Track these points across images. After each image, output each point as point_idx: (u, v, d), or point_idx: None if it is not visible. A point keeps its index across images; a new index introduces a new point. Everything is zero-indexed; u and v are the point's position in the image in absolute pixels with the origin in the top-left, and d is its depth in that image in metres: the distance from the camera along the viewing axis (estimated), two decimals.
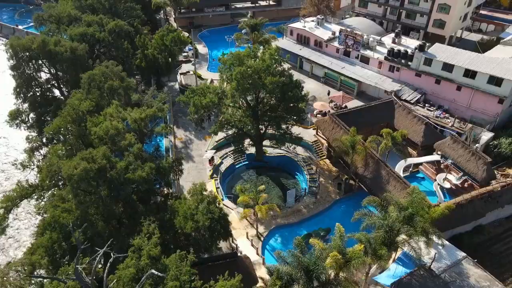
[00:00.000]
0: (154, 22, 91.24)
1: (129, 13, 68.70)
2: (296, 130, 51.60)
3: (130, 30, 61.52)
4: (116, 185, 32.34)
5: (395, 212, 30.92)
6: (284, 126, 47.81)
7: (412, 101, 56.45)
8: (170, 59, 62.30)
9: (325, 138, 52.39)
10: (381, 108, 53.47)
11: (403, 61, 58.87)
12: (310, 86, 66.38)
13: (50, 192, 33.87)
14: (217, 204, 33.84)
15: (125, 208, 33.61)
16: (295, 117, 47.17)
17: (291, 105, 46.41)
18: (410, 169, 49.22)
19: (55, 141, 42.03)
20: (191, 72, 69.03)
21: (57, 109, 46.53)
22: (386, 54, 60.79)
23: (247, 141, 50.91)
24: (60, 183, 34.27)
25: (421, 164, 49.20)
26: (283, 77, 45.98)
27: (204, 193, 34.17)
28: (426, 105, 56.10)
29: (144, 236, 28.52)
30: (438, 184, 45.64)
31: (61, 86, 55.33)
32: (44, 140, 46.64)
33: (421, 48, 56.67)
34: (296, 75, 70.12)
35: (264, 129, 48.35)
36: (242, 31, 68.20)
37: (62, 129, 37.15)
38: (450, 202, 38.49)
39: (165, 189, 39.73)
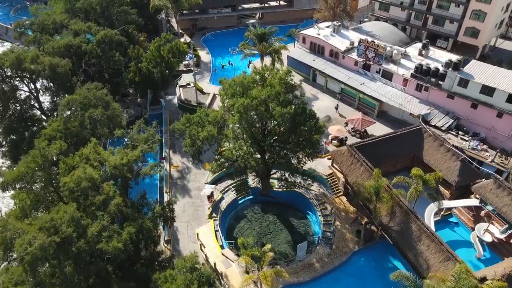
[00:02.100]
0: (154, 24, 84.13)
1: (123, 18, 61.58)
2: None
3: (122, 40, 54.55)
4: (85, 259, 25.90)
5: None
6: (295, 161, 40.90)
7: (443, 128, 48.89)
8: (167, 72, 55.24)
9: (341, 172, 45.27)
10: (407, 138, 46.03)
11: (433, 80, 51.10)
12: (324, 104, 59.07)
13: (3, 265, 27.52)
14: (211, 281, 27.20)
15: (96, 285, 27.18)
16: (309, 152, 40.06)
17: (304, 137, 39.34)
18: (442, 213, 42.10)
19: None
20: (192, 85, 62.03)
21: (32, 138, 40.04)
22: (412, 71, 53.02)
23: (251, 176, 44.24)
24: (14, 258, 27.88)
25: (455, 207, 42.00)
26: (295, 104, 38.90)
27: (197, 266, 27.54)
28: (460, 132, 48.49)
29: None
30: (477, 236, 38.48)
31: (42, 105, 48.83)
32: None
33: (455, 67, 48.84)
34: (308, 89, 63.20)
35: (271, 164, 41.38)
36: (248, 41, 60.77)
37: (26, 176, 30.64)
38: (498, 272, 31.41)
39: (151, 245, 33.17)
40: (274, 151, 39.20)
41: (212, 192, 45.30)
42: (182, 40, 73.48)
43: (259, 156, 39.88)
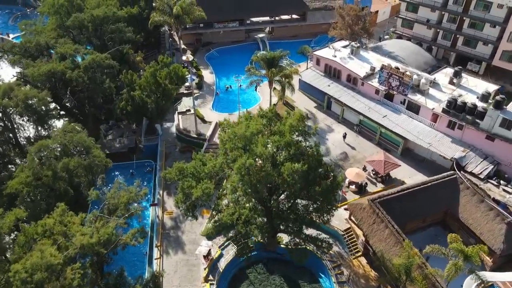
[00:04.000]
0: (156, 37, 78.26)
1: (118, 37, 55.47)
2: None
3: (113, 64, 48.46)
4: None
5: None
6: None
7: (481, 175, 41.72)
8: (163, 101, 49.01)
9: (361, 229, 38.45)
10: (440, 190, 39.01)
11: (469, 117, 43.92)
12: (340, 137, 52.10)
13: None
14: None
15: None
16: (323, 213, 33.44)
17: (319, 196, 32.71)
18: (483, 285, 34.97)
19: None
20: (192, 111, 55.63)
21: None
22: (444, 105, 45.85)
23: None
24: None
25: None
26: (308, 152, 32.32)
27: None
28: (502, 183, 41.23)
29: None
30: None
31: (19, 142, 42.99)
32: None
33: (497, 105, 41.62)
34: (322, 118, 56.25)
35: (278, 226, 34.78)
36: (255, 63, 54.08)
37: None
38: None
39: None
40: (282, 216, 32.59)
41: (210, 250, 38.89)
42: (184, 58, 67.39)
43: (263, 218, 33.39)
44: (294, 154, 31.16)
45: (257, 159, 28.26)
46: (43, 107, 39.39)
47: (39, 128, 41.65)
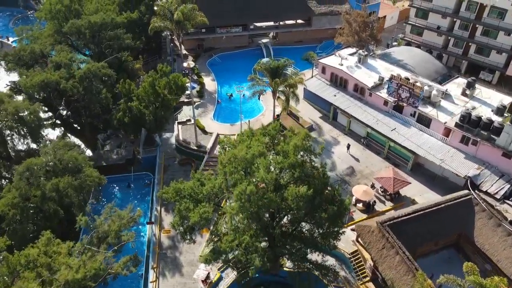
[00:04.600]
0: (157, 42, 76.21)
1: (117, 43, 53.46)
2: None
3: (110, 74, 46.46)
4: None
5: None
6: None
7: (497, 195, 39.31)
8: (162, 112, 46.95)
9: (370, 254, 36.14)
10: (453, 212, 36.63)
11: (483, 132, 41.52)
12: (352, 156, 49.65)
13: None
14: None
15: None
16: (330, 241, 31.24)
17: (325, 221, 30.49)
18: None
19: None
20: (192, 121, 53.49)
21: None
22: (457, 118, 43.47)
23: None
24: None
25: None
26: (314, 178, 30.11)
27: None
28: None
29: None
30: None
31: (11, 155, 41.04)
32: None
33: None
34: (328, 129, 53.93)
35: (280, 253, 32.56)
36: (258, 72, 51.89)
37: None
38: None
39: None
40: (286, 243, 30.39)
41: (209, 273, 36.75)
42: (185, 64, 65.28)
43: (265, 244, 31.26)
44: (298, 177, 28.95)
45: (258, 184, 26.07)
46: (35, 119, 37.42)
47: (31, 141, 39.66)
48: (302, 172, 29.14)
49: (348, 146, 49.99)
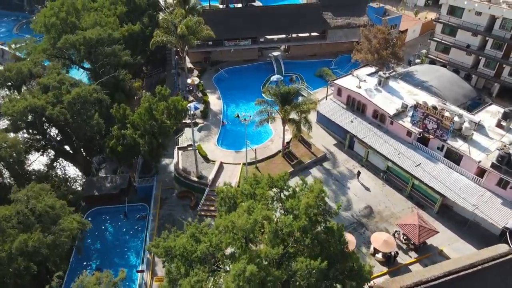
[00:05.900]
0: (162, 53, 71.95)
1: (114, 60, 49.12)
2: None
3: (102, 98, 42.09)
4: None
5: None
6: None
7: None
8: (160, 141, 42.40)
9: None
10: (492, 274, 31.13)
11: None
12: (364, 188, 44.51)
13: None
14: None
15: None
16: None
17: None
18: None
19: None
20: (194, 147, 48.73)
21: None
22: (493, 158, 37.90)
23: None
24: None
25: None
26: (329, 244, 25.10)
27: None
28: None
29: None
30: None
31: None
32: None
33: None
34: (343, 160, 48.77)
35: None
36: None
37: None
38: None
39: None
40: None
41: None
42: (189, 80, 60.58)
43: None
44: (309, 246, 23.95)
45: (260, 268, 21.14)
46: (13, 154, 33.21)
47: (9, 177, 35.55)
48: (315, 239, 24.12)
49: (359, 173, 45.04)
